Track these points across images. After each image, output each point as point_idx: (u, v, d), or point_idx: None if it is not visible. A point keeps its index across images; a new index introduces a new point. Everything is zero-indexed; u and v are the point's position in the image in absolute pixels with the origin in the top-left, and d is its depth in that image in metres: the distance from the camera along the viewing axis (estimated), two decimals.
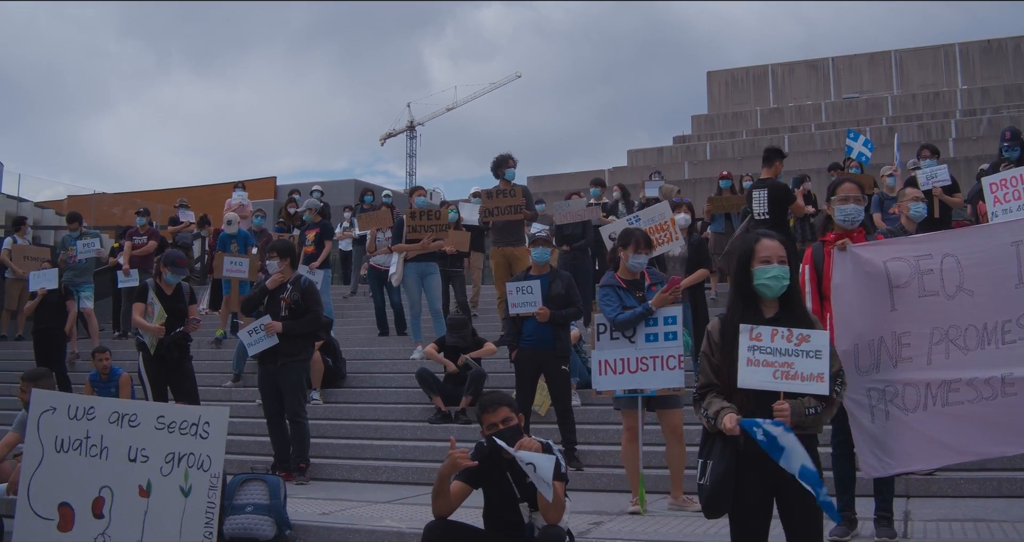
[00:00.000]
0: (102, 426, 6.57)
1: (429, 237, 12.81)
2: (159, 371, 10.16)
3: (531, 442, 5.92)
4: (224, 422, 6.34)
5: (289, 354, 9.81)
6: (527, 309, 9.63)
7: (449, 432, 10.79)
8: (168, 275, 10.21)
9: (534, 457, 5.71)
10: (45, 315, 13.79)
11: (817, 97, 54.66)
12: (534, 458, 5.69)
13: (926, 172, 12.59)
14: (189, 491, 6.24)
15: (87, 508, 6.47)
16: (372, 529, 7.37)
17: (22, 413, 8.90)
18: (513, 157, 13.19)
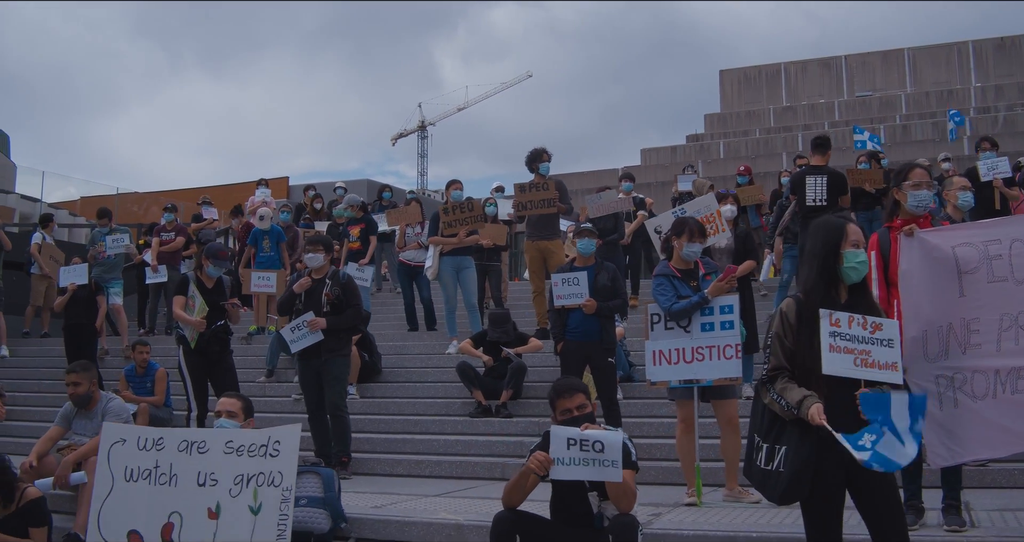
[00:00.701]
0: (171, 455, 6.74)
1: (465, 231, 12.73)
2: (200, 365, 10.08)
3: (595, 426, 5.84)
4: (296, 439, 6.51)
5: (331, 349, 9.71)
6: (573, 301, 9.53)
7: (490, 426, 10.77)
8: (210, 268, 10.12)
9: (602, 434, 5.64)
10: (76, 311, 13.77)
11: (830, 95, 54.62)
12: (602, 436, 5.63)
13: (987, 164, 12.54)
14: (259, 509, 6.37)
15: (156, 534, 6.62)
16: (429, 521, 7.26)
17: (66, 406, 8.82)
18: (548, 151, 13.10)
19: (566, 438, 5.67)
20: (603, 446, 5.56)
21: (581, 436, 5.62)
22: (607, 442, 5.57)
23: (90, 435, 8.52)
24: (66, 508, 8.38)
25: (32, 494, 7.41)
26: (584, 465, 5.60)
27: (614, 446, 5.57)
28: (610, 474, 5.58)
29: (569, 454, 5.63)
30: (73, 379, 8.64)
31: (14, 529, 7.34)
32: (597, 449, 5.57)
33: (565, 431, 5.70)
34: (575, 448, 5.62)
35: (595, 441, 5.59)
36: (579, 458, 5.61)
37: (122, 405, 8.79)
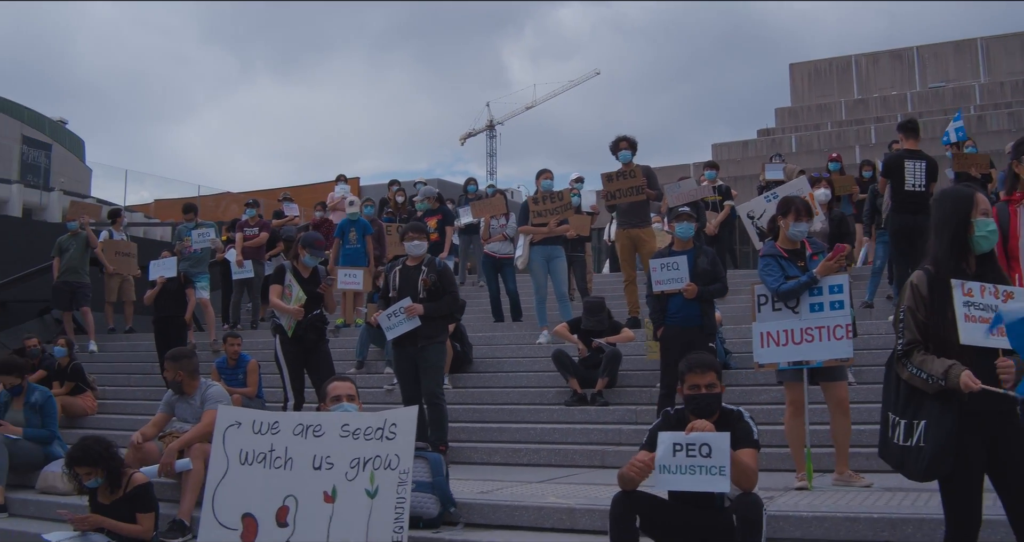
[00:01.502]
0: (287, 438, 6.69)
1: (555, 220, 12.64)
2: (296, 354, 10.05)
3: (703, 423, 5.71)
4: (413, 422, 6.46)
5: (428, 336, 9.62)
6: (673, 286, 9.42)
7: (587, 414, 10.67)
8: (307, 257, 10.08)
9: (709, 437, 5.51)
10: (165, 304, 13.84)
11: (902, 87, 53.78)
12: (709, 438, 5.51)
13: None
14: (375, 492, 6.30)
15: (271, 517, 6.55)
16: (539, 506, 7.16)
17: (168, 393, 8.89)
18: (628, 138, 12.95)
19: (672, 443, 5.57)
20: (710, 450, 5.44)
21: (687, 440, 5.51)
22: (714, 446, 5.45)
23: (191, 421, 8.59)
24: (168, 496, 8.39)
25: (139, 480, 7.46)
26: (690, 473, 5.49)
27: (721, 451, 5.45)
28: (716, 484, 5.45)
29: (675, 461, 5.52)
30: (165, 366, 8.88)
31: (122, 514, 7.39)
32: (704, 454, 5.45)
33: (671, 436, 5.60)
34: (681, 454, 5.52)
35: (701, 445, 5.47)
36: (685, 465, 5.49)
37: (221, 391, 8.82)
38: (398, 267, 9.95)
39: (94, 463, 7.41)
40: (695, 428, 5.62)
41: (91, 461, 7.41)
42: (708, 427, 5.65)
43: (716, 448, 5.44)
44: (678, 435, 5.58)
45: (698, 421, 5.71)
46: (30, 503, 9.30)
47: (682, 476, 5.49)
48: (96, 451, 7.44)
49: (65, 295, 16.36)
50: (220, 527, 6.60)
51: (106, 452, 7.46)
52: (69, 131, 46.98)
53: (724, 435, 5.54)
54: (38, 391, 10.09)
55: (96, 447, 7.46)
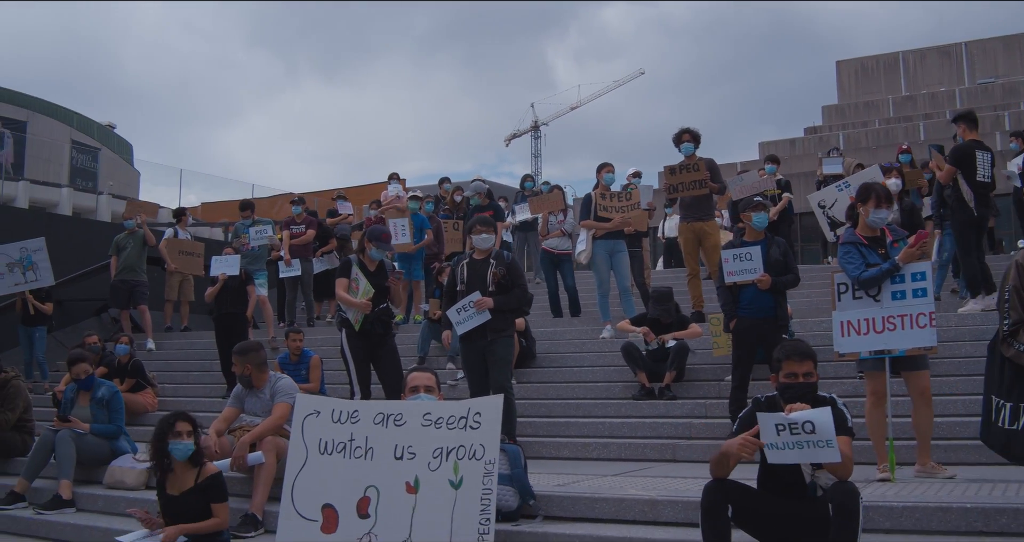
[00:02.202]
0: (367, 427, 6.55)
1: (620, 216, 12.48)
2: (363, 348, 9.91)
3: (801, 406, 5.55)
4: (498, 410, 6.27)
5: (498, 330, 9.47)
6: (746, 277, 9.24)
7: (655, 408, 10.53)
8: (373, 251, 9.97)
9: (810, 414, 5.35)
10: (227, 301, 13.73)
11: (950, 83, 53.36)
12: (811, 415, 5.33)
13: None
14: (460, 483, 6.14)
15: (352, 508, 6.41)
16: (620, 498, 7.00)
17: (237, 387, 8.83)
18: (690, 130, 12.80)
19: (774, 424, 5.42)
20: (813, 427, 5.28)
21: (788, 420, 5.36)
22: (817, 422, 5.30)
23: (261, 414, 8.50)
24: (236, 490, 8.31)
25: (211, 469, 7.36)
26: (798, 448, 5.34)
27: (825, 425, 5.29)
28: (827, 455, 5.31)
29: (780, 439, 5.38)
30: (233, 361, 8.76)
31: (193, 506, 7.27)
32: (807, 430, 5.29)
33: (771, 417, 5.45)
34: (785, 433, 5.37)
35: (804, 422, 5.31)
36: (791, 442, 5.35)
37: (291, 384, 8.72)
38: (465, 261, 9.82)
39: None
40: (794, 409, 5.47)
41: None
42: (805, 409, 5.51)
43: (819, 423, 5.29)
44: (778, 416, 5.43)
45: (796, 405, 5.56)
46: (98, 498, 9.25)
47: (790, 451, 5.37)
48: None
49: (123, 293, 16.38)
50: (300, 518, 6.47)
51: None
52: (117, 135, 47.33)
53: (824, 409, 5.39)
54: (105, 386, 10.03)
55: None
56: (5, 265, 14.69)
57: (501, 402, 6.29)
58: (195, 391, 14.24)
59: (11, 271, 14.70)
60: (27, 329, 15.10)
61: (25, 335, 15.09)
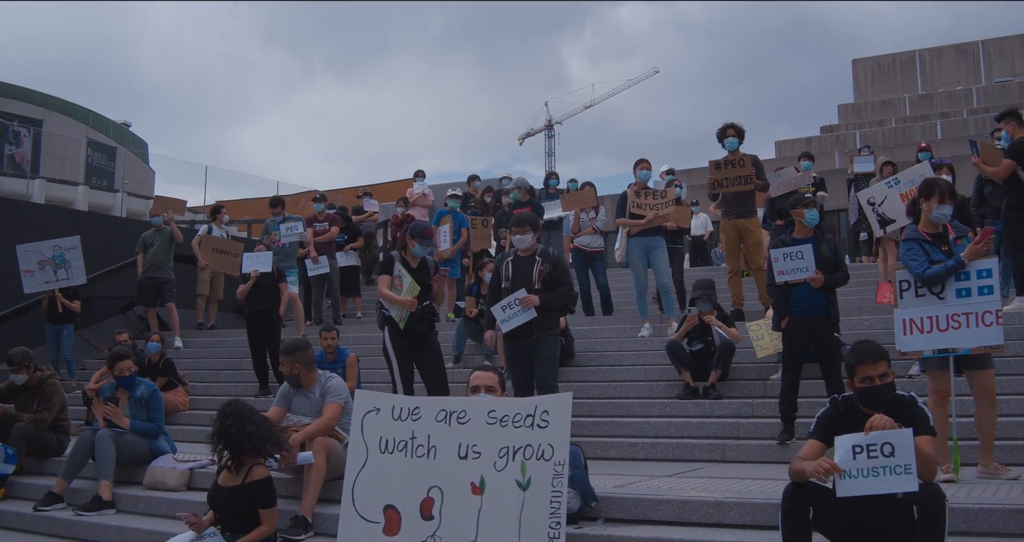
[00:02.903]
0: (429, 425, 6.33)
1: (655, 213, 12.29)
2: (407, 347, 9.70)
3: (883, 419, 5.36)
4: (567, 408, 6.06)
5: (543, 328, 9.30)
6: (798, 275, 9.05)
7: (701, 408, 10.36)
8: (416, 247, 9.75)
9: (891, 435, 5.19)
10: (258, 298, 13.53)
11: (967, 82, 52.91)
12: (892, 436, 5.18)
13: None
14: (528, 484, 5.92)
15: (415, 510, 6.20)
16: (684, 499, 6.83)
17: (284, 387, 8.66)
18: (735, 125, 12.63)
19: (852, 446, 5.25)
20: (893, 449, 5.12)
21: (867, 441, 5.20)
22: (897, 444, 5.13)
23: (310, 415, 8.32)
24: (284, 491, 8.16)
25: (259, 473, 7.15)
26: (873, 476, 5.17)
27: (905, 449, 5.13)
28: (903, 483, 5.12)
29: (856, 464, 5.21)
30: (282, 360, 8.55)
31: (239, 507, 7.10)
32: (886, 453, 5.14)
33: (850, 439, 5.29)
34: (862, 456, 5.20)
35: (883, 444, 5.15)
36: (868, 468, 5.18)
37: (342, 383, 8.55)
38: (510, 258, 9.66)
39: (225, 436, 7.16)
40: (874, 426, 5.29)
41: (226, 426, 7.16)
42: (888, 423, 5.32)
43: (900, 446, 5.13)
44: (857, 437, 5.27)
45: (877, 418, 5.37)
46: (139, 499, 9.09)
47: (865, 479, 5.19)
48: (232, 419, 7.18)
49: (150, 291, 16.16)
50: (361, 520, 6.29)
51: (239, 428, 7.17)
52: (133, 133, 47.28)
53: (907, 432, 5.23)
54: (144, 385, 9.86)
55: (233, 418, 7.20)
56: (36, 263, 14.51)
57: (570, 400, 6.10)
58: (226, 390, 14.03)
59: (42, 269, 14.52)
60: (54, 327, 14.90)
61: (52, 333, 14.88)
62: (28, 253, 14.60)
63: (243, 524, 7.08)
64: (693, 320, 10.78)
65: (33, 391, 10.43)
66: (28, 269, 14.56)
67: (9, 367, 10.41)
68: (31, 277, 14.58)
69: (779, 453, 9.13)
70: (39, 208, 21.57)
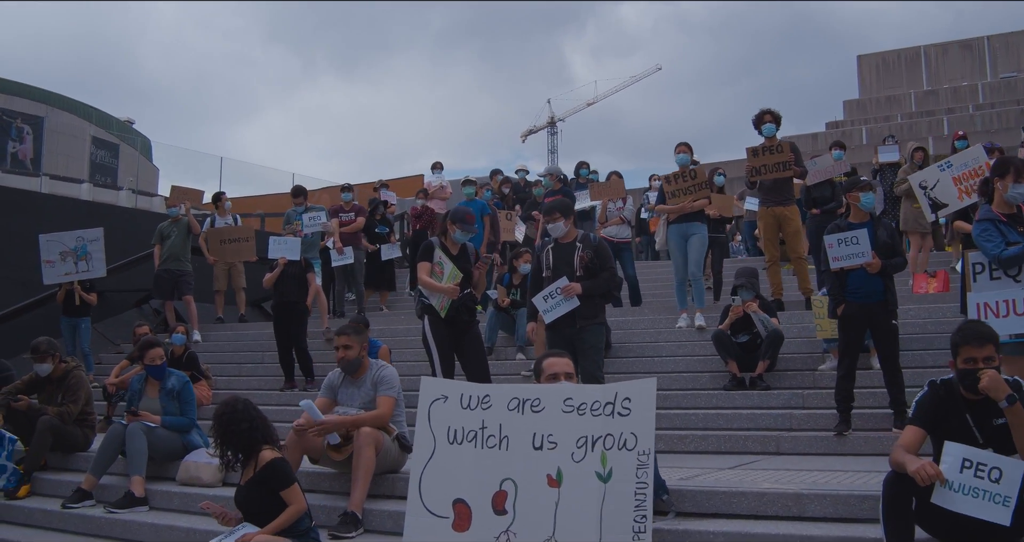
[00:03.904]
0: (500, 414, 5.92)
1: (689, 199, 11.93)
2: (448, 336, 9.31)
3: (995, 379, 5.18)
4: (651, 395, 5.67)
5: (587, 316, 8.93)
6: (854, 261, 8.69)
7: (750, 399, 10.04)
8: (457, 233, 9.35)
9: (1003, 462, 4.98)
10: (286, 288, 13.16)
11: (973, 78, 52.61)
12: (1003, 463, 4.97)
13: None
14: (609, 475, 5.53)
15: (487, 504, 5.79)
16: (760, 492, 6.49)
17: (331, 375, 8.23)
18: (771, 111, 12.32)
19: (962, 458, 5.00)
20: (1000, 475, 4.88)
21: (978, 459, 4.96)
22: (1007, 472, 4.88)
23: (357, 406, 7.89)
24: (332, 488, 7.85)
25: (266, 457, 6.78)
26: (972, 496, 4.93)
27: (1013, 479, 4.88)
28: (998, 514, 4.88)
29: (961, 478, 4.97)
30: (344, 342, 7.98)
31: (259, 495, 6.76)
32: (993, 478, 4.90)
33: (963, 450, 5.03)
34: (969, 472, 4.95)
35: (993, 468, 4.90)
36: (969, 485, 4.94)
37: (395, 374, 8.11)
38: (550, 245, 9.32)
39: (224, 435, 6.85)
40: (986, 387, 5.18)
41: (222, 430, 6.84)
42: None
43: (1008, 475, 4.89)
44: (970, 451, 5.02)
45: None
46: (173, 496, 8.73)
47: (963, 497, 4.95)
48: (222, 421, 6.85)
49: (167, 284, 15.79)
50: (429, 515, 5.92)
51: (233, 427, 6.82)
52: (136, 130, 46.80)
53: (1020, 463, 4.97)
54: (175, 376, 9.50)
55: (231, 416, 6.85)
56: (58, 253, 14.13)
57: (654, 387, 5.74)
58: (249, 384, 13.73)
59: (63, 260, 14.13)
60: (71, 320, 14.49)
61: (68, 326, 14.46)
62: (51, 243, 14.21)
63: (270, 516, 6.69)
64: (738, 310, 10.41)
65: (57, 383, 10.08)
66: (49, 259, 14.17)
67: (33, 356, 10.04)
68: (51, 267, 14.19)
69: (836, 444, 8.83)
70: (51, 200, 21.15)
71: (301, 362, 12.98)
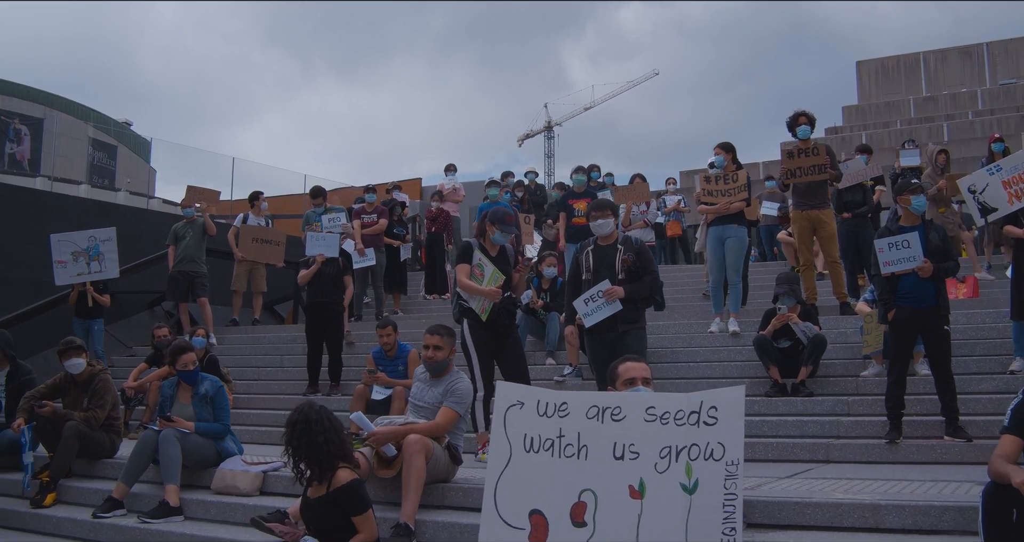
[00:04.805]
0: (578, 422, 5.66)
1: (727, 201, 11.70)
2: (488, 340, 9.04)
3: None
4: (739, 404, 5.37)
5: (629, 321, 8.73)
6: (905, 266, 8.52)
7: (793, 406, 9.84)
8: (496, 234, 9.07)
9: None
10: (322, 288, 12.82)
11: (972, 84, 52.58)
12: None
13: None
14: (694, 487, 5.25)
15: (564, 515, 5.52)
16: (835, 503, 6.23)
17: (418, 371, 8.09)
18: (806, 113, 12.10)
19: None
20: None
21: None
22: None
23: (424, 406, 7.78)
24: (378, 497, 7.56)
25: (343, 477, 6.51)
26: None
27: None
28: None
29: None
30: (436, 342, 7.83)
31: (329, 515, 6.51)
32: None
33: None
34: None
35: None
36: None
37: (469, 390, 7.91)
38: (590, 247, 9.10)
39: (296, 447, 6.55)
40: None
41: (294, 442, 6.54)
42: None
43: None
44: None
45: None
46: (210, 505, 8.39)
47: None
48: (298, 430, 6.55)
49: (182, 285, 15.51)
50: (505, 526, 5.65)
51: (306, 439, 6.52)
52: (134, 132, 46.57)
53: None
54: (208, 381, 9.17)
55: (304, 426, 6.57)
56: (70, 253, 13.82)
57: (743, 395, 5.49)
58: (269, 388, 13.47)
59: (75, 260, 13.81)
60: (83, 322, 14.20)
61: (81, 328, 14.11)
62: (62, 243, 13.89)
63: (340, 536, 6.46)
64: (783, 318, 10.19)
65: (83, 387, 9.75)
66: (61, 260, 13.86)
67: (65, 353, 9.67)
68: (63, 268, 13.88)
69: (888, 452, 8.64)
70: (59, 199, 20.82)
71: (332, 365, 12.67)
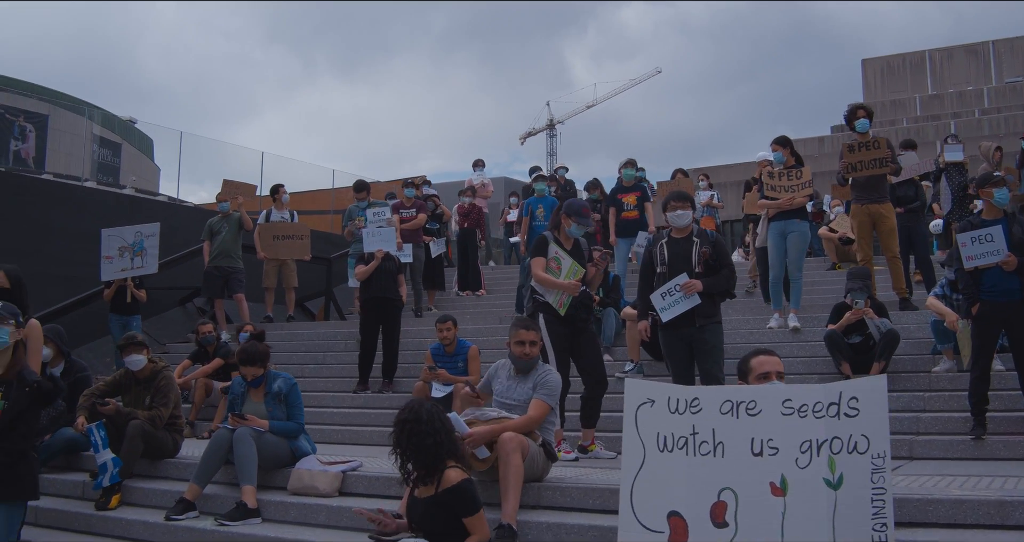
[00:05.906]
0: (712, 418, 5.41)
1: (788, 198, 11.55)
2: (566, 335, 8.86)
3: None
4: (881, 394, 5.11)
5: (707, 315, 8.58)
6: (988, 260, 8.38)
7: None
8: (572, 227, 8.89)
9: None
10: (380, 284, 12.57)
11: (978, 82, 52.55)
12: None
13: None
14: (839, 482, 5.02)
15: (704, 516, 5.27)
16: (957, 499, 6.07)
17: (493, 367, 7.91)
18: (865, 106, 12.02)
19: None
20: None
21: None
22: None
23: (512, 403, 7.55)
24: None
25: (452, 478, 6.32)
26: None
27: None
28: None
29: None
30: (532, 337, 7.64)
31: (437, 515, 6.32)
32: None
33: None
34: None
35: None
36: None
37: (559, 382, 7.72)
38: (663, 240, 8.93)
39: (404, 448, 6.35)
40: None
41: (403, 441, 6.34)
42: None
43: None
44: None
45: None
46: (289, 507, 8.10)
47: None
48: (412, 430, 6.35)
49: (217, 281, 15.39)
50: (643, 530, 5.43)
51: (416, 440, 6.31)
52: (138, 130, 46.21)
53: None
54: (281, 378, 8.94)
55: (414, 427, 6.37)
56: (117, 248, 13.63)
57: (884, 384, 5.29)
58: (315, 385, 13.10)
59: (121, 256, 13.63)
60: (120, 318, 13.93)
61: (118, 324, 13.87)
62: (112, 238, 13.73)
63: (450, 538, 6.29)
64: (858, 313, 10.06)
65: (145, 385, 9.51)
66: (109, 255, 13.69)
67: (127, 346, 9.49)
68: (110, 263, 13.70)
69: (974, 449, 8.51)
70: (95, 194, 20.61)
71: (387, 362, 12.45)
